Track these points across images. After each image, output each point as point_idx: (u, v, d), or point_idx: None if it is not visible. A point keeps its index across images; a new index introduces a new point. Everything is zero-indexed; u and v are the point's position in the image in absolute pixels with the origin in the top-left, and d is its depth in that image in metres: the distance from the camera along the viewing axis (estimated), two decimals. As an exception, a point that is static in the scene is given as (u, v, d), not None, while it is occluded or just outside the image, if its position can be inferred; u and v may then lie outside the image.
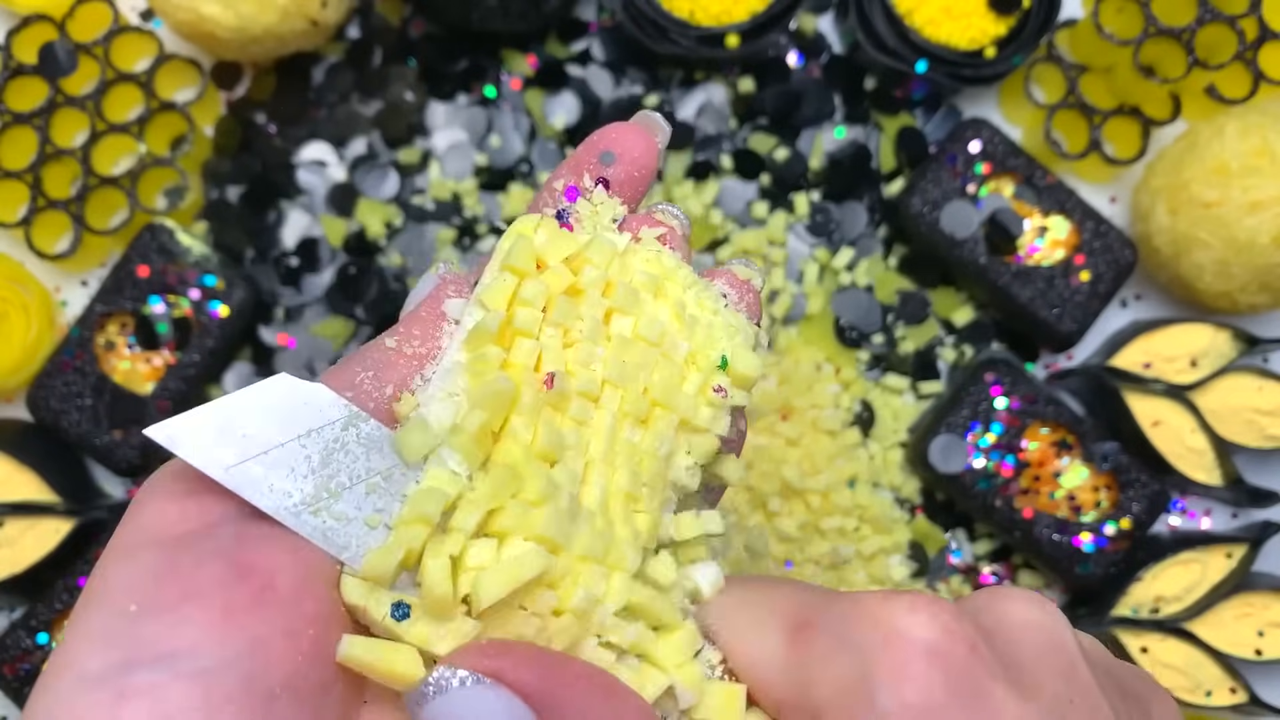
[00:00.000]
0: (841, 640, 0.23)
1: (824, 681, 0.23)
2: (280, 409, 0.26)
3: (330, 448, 0.26)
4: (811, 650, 0.24)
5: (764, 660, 0.25)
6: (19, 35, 0.62)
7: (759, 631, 0.25)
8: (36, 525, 0.59)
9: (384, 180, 0.65)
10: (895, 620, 0.23)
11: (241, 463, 0.25)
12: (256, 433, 0.25)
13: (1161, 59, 0.61)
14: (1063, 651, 0.24)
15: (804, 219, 0.65)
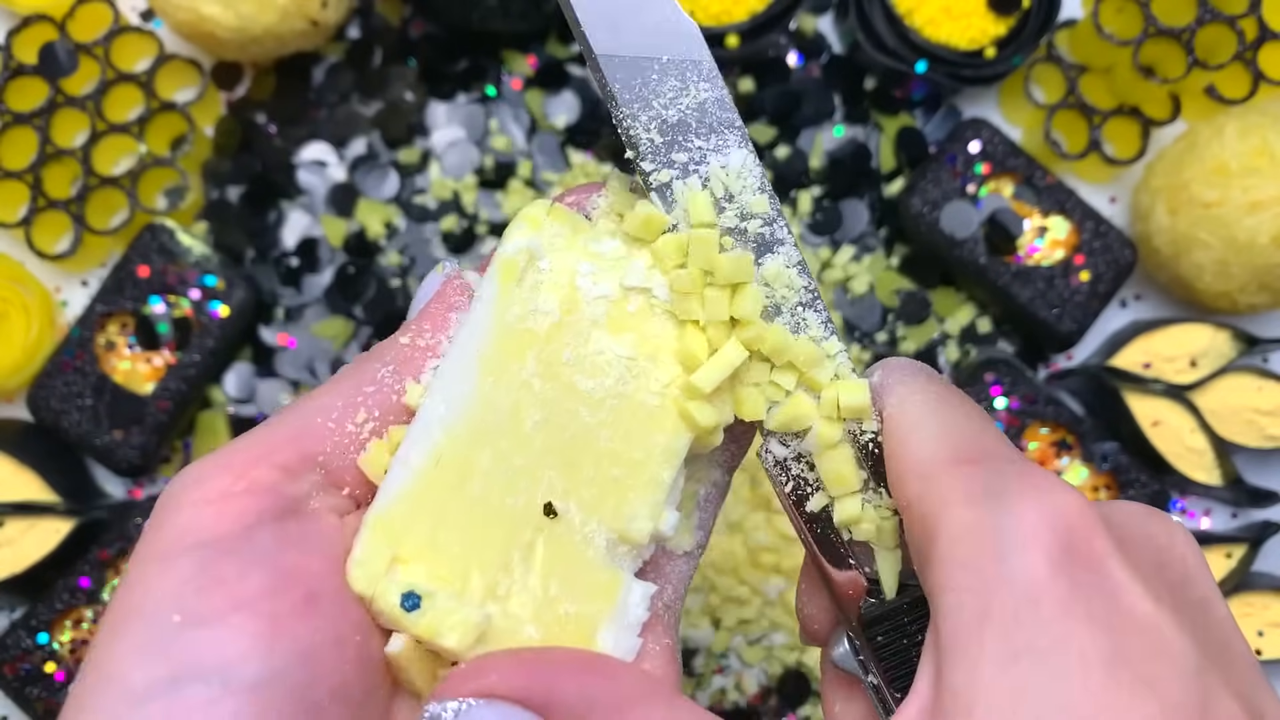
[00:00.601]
0: (995, 490, 0.23)
1: (961, 517, 0.23)
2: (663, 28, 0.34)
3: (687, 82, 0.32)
4: (965, 483, 0.24)
5: (920, 457, 0.25)
6: (19, 35, 0.62)
7: (926, 435, 0.26)
8: (37, 525, 0.59)
9: (384, 180, 0.65)
10: (1052, 496, 0.23)
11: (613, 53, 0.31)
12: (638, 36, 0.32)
13: (1161, 59, 0.61)
14: (1204, 584, 0.24)
15: (806, 217, 0.65)
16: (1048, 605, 0.21)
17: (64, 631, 0.58)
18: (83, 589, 0.58)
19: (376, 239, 0.65)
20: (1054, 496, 0.23)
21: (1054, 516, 0.22)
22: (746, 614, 0.60)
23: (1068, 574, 0.22)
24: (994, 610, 0.22)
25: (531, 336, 0.28)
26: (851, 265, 0.64)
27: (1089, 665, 0.21)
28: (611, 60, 0.29)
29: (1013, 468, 0.24)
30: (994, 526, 0.23)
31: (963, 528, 0.23)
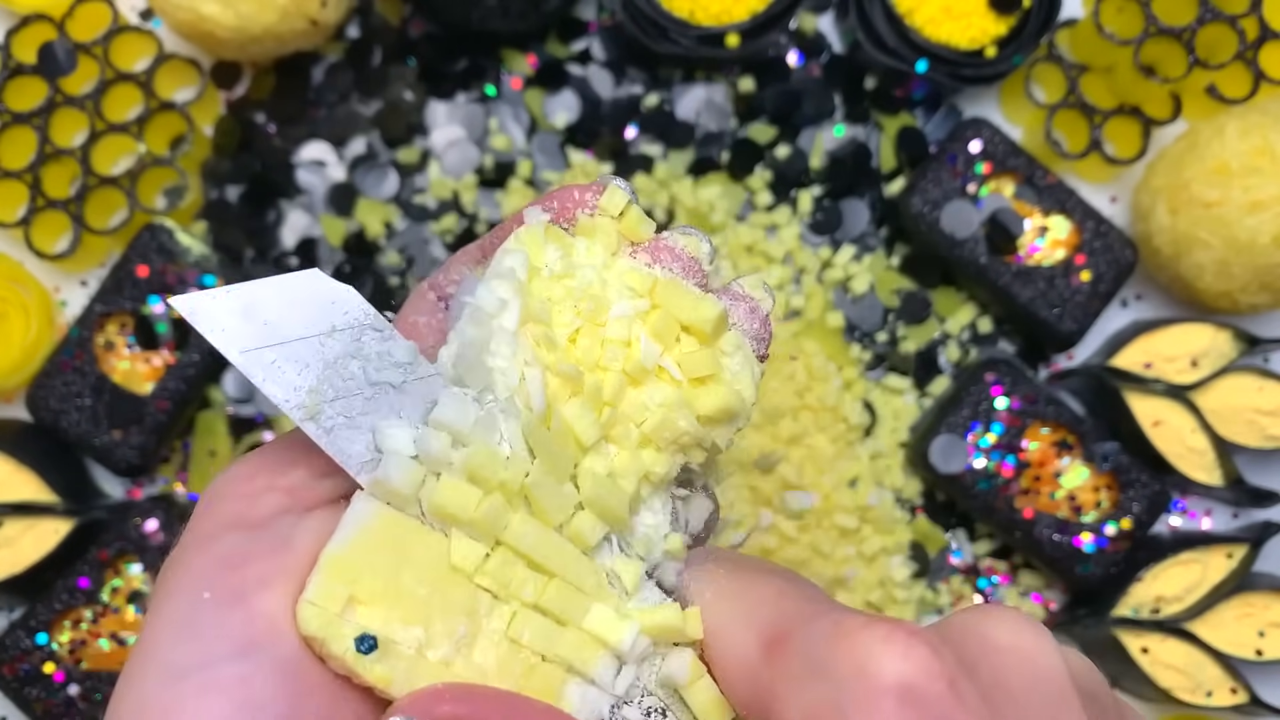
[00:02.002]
0: (815, 665, 0.22)
1: (791, 705, 0.23)
2: (306, 304, 0.25)
3: (348, 350, 0.25)
4: (784, 668, 0.23)
5: (735, 660, 0.25)
6: (18, 35, 0.62)
7: (735, 629, 0.25)
8: (36, 525, 0.58)
9: (384, 180, 0.65)
10: (870, 653, 0.22)
11: (259, 349, 0.24)
12: (278, 321, 0.25)
13: (1162, 59, 0.61)
14: (1051, 679, 0.23)
15: (806, 216, 0.65)
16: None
17: (63, 632, 0.58)
18: (82, 589, 0.58)
19: (376, 239, 0.65)
20: (878, 654, 0.22)
21: (884, 676, 0.21)
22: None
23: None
24: None
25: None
26: (852, 265, 0.64)
27: None
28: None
29: (825, 629, 0.23)
30: (822, 706, 0.22)
31: (794, 717, 0.22)
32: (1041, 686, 0.23)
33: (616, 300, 0.28)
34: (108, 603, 0.58)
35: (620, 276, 0.29)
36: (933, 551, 0.63)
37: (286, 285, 0.25)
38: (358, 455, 0.25)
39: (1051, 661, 0.23)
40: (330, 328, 0.25)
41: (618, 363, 0.27)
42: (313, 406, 0.25)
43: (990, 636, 0.23)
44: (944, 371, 0.64)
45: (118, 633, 0.58)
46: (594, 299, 0.28)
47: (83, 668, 0.57)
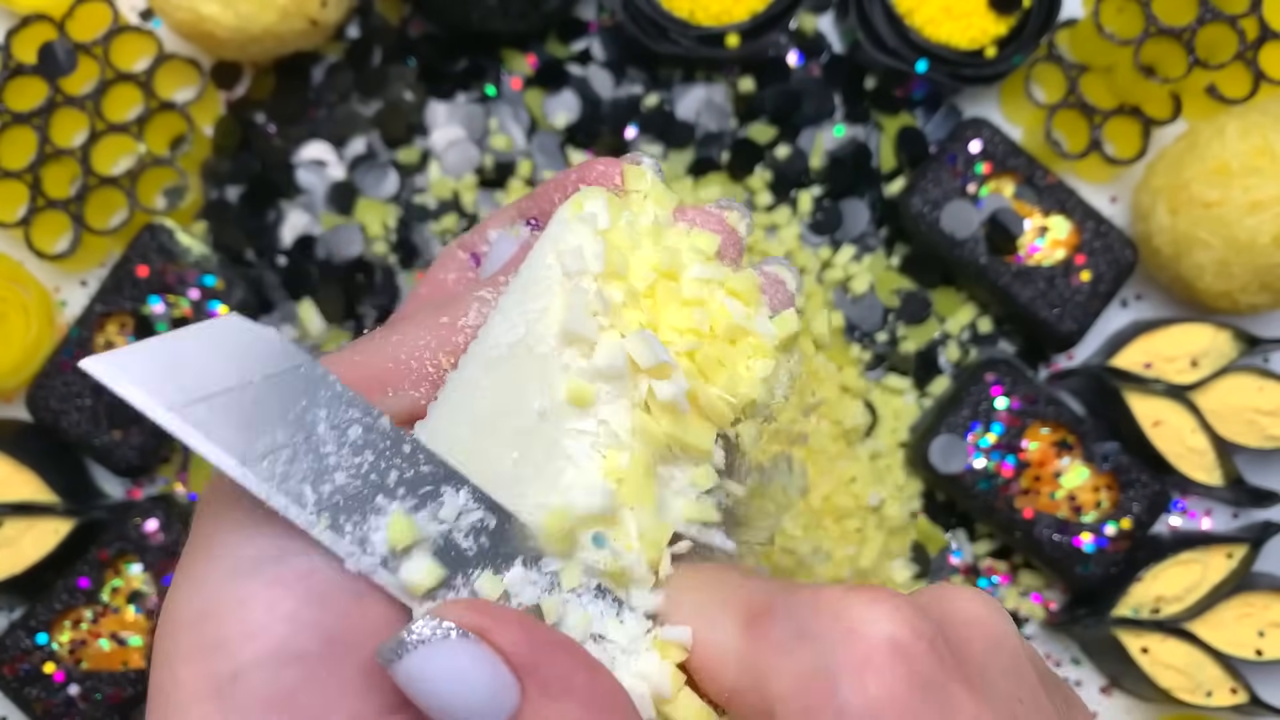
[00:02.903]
0: (801, 631, 0.23)
1: (782, 672, 0.23)
2: (234, 352, 0.24)
3: (291, 400, 0.24)
4: (768, 639, 0.23)
5: (716, 647, 0.25)
6: (18, 35, 0.62)
7: (711, 618, 0.25)
8: (36, 525, 0.58)
9: (384, 179, 0.65)
10: (857, 614, 0.22)
11: (188, 404, 0.23)
12: (206, 372, 0.23)
13: (1162, 59, 0.61)
14: (1009, 650, 0.24)
15: (806, 216, 0.65)
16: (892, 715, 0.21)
17: (63, 632, 0.58)
18: (82, 589, 0.58)
19: (376, 239, 0.64)
20: (861, 613, 0.22)
21: (870, 633, 0.22)
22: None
23: (901, 685, 0.22)
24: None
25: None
26: (852, 265, 0.64)
27: None
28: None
29: (805, 599, 0.23)
30: (817, 666, 0.22)
31: (788, 683, 0.23)
32: (1001, 656, 0.24)
33: (688, 263, 0.28)
34: (108, 603, 0.58)
35: (681, 239, 0.29)
36: (933, 551, 0.63)
37: (205, 333, 0.24)
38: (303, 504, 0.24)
39: (1009, 633, 0.24)
40: (262, 375, 0.24)
41: (705, 322, 0.27)
42: (255, 462, 0.23)
43: (955, 609, 0.24)
44: (944, 371, 0.64)
45: (118, 633, 0.58)
46: (670, 256, 0.28)
47: (83, 668, 0.57)
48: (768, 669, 0.23)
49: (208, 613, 0.23)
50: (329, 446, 0.24)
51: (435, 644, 0.21)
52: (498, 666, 0.22)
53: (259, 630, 0.22)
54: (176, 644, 0.23)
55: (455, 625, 0.22)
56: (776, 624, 0.23)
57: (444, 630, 0.21)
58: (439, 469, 0.25)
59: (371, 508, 0.24)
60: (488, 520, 0.26)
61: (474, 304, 0.28)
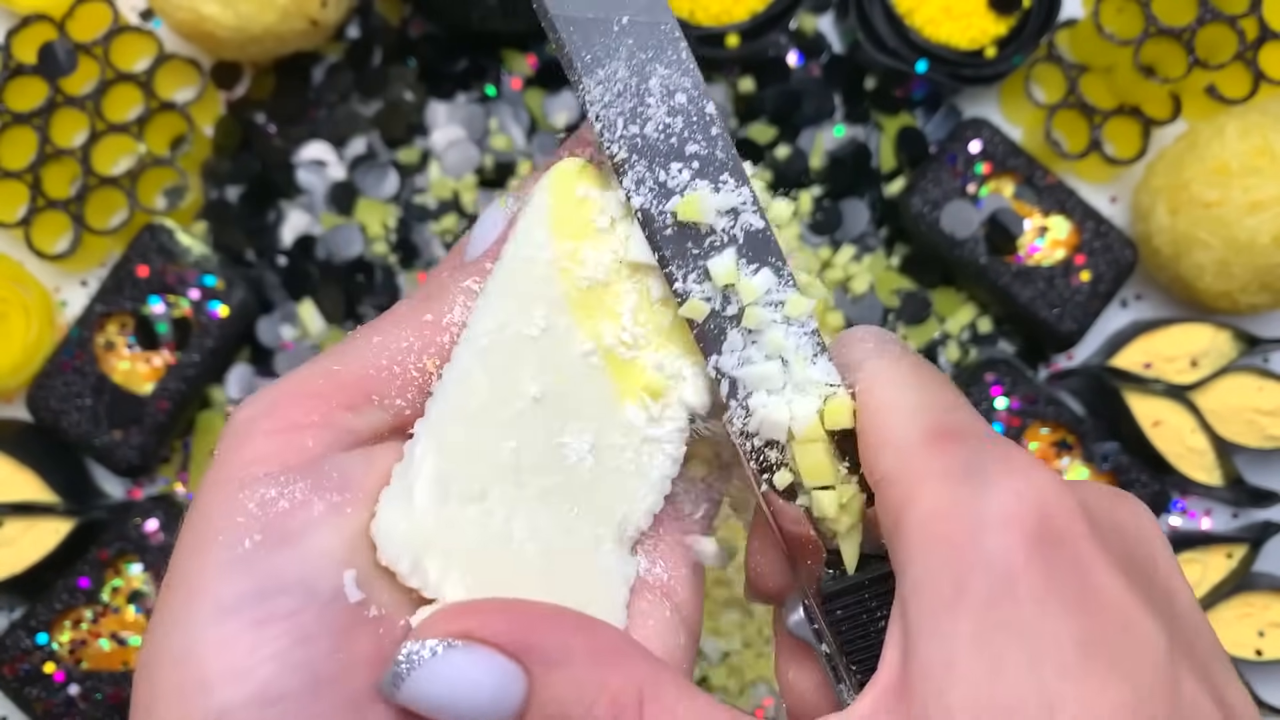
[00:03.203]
0: (975, 467, 0.23)
1: (938, 493, 0.23)
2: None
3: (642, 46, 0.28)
4: (943, 458, 0.24)
5: (893, 435, 0.25)
6: (19, 35, 0.62)
7: (903, 410, 0.25)
8: (36, 525, 0.58)
9: (384, 180, 0.65)
10: (1031, 477, 0.23)
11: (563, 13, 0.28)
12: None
13: (1162, 59, 0.61)
14: (1169, 567, 0.24)
15: (806, 216, 0.65)
16: (1024, 587, 0.21)
17: (63, 632, 0.58)
18: (82, 589, 0.58)
19: (376, 239, 0.65)
20: (1032, 478, 0.23)
21: (1031, 498, 0.22)
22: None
23: (1043, 557, 0.22)
24: (969, 589, 0.22)
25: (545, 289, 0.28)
26: (852, 265, 0.64)
27: (1063, 648, 0.21)
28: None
29: (990, 445, 0.24)
30: (971, 505, 0.23)
31: (939, 505, 0.23)
32: (1160, 569, 0.24)
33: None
34: (108, 603, 0.58)
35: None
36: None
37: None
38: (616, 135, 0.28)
39: (1170, 555, 0.25)
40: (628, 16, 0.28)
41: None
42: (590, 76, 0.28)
43: (1124, 514, 0.25)
44: (944, 371, 0.64)
45: (118, 633, 0.58)
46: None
47: (83, 667, 0.57)
48: (926, 482, 0.24)
49: (190, 653, 0.22)
50: (653, 99, 0.28)
51: (428, 662, 0.22)
52: (496, 659, 0.22)
53: (242, 671, 0.22)
54: (155, 686, 0.23)
55: (441, 637, 0.22)
56: (957, 449, 0.24)
57: (431, 647, 0.22)
58: (733, 161, 0.28)
59: (666, 165, 0.28)
60: (755, 224, 0.28)
61: (460, 296, 0.28)
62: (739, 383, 0.28)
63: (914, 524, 0.23)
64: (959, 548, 0.22)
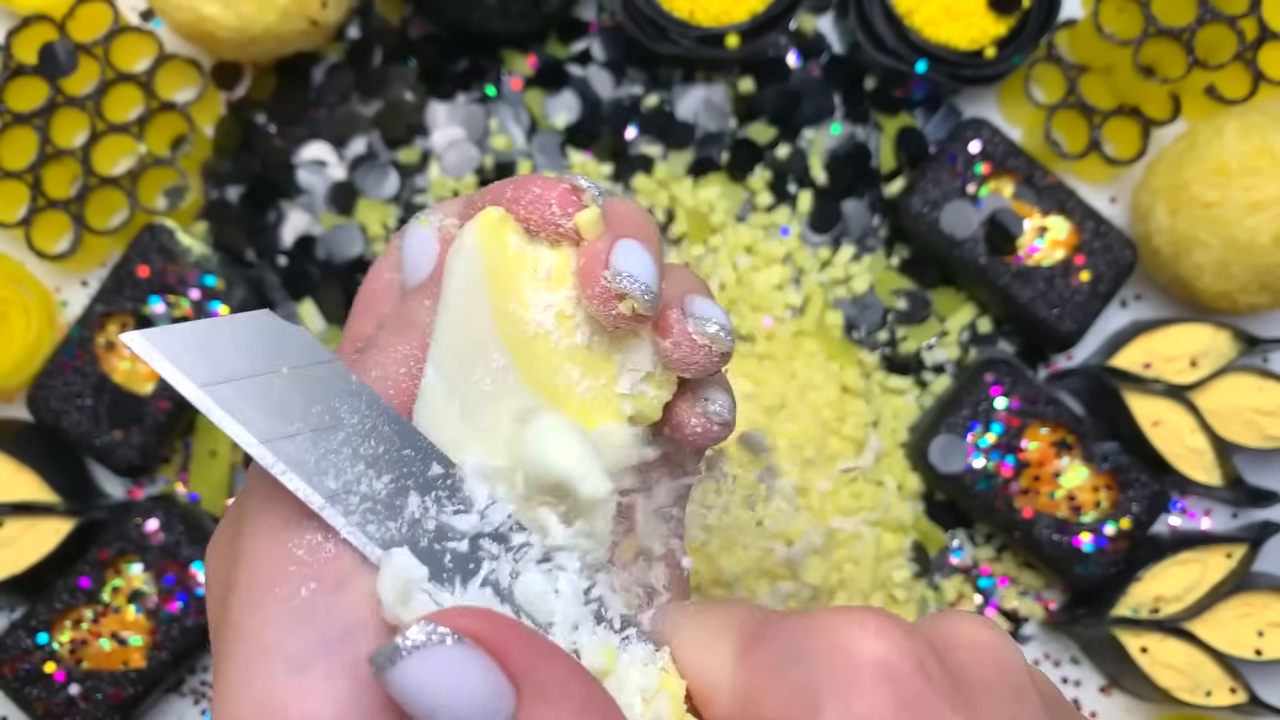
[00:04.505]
0: (790, 654, 0.23)
1: (771, 696, 0.23)
2: (263, 343, 0.25)
3: (314, 393, 0.25)
4: (760, 663, 0.24)
5: (713, 675, 0.25)
6: (19, 35, 0.62)
7: (710, 647, 0.25)
8: (36, 525, 0.59)
9: (384, 180, 0.65)
10: (844, 634, 0.22)
11: (217, 384, 0.24)
12: (236, 358, 0.24)
13: (1161, 59, 0.61)
14: (1014, 674, 0.24)
15: (806, 216, 0.65)
16: None
17: (64, 632, 0.58)
18: (82, 589, 0.58)
19: (376, 239, 0.65)
20: (853, 635, 0.22)
21: (858, 655, 0.22)
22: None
23: (887, 708, 0.22)
24: None
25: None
26: (851, 265, 0.64)
27: None
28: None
29: (798, 624, 0.24)
30: (805, 688, 0.22)
31: (776, 707, 0.23)
32: (1004, 680, 0.24)
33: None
34: (108, 602, 0.58)
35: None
36: (933, 551, 0.63)
37: (239, 324, 0.25)
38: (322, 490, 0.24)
39: (1013, 658, 0.24)
40: (289, 365, 0.25)
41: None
42: (275, 443, 0.24)
43: (957, 633, 0.24)
44: (944, 371, 0.64)
45: (118, 632, 0.58)
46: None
47: (83, 667, 0.57)
48: (758, 694, 0.23)
49: (270, 707, 0.23)
50: (347, 439, 0.25)
51: (430, 650, 0.21)
52: (494, 672, 0.21)
53: (320, 717, 0.23)
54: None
55: (451, 631, 0.21)
56: (768, 648, 0.24)
57: (439, 636, 0.21)
58: (450, 468, 0.26)
59: (390, 503, 0.25)
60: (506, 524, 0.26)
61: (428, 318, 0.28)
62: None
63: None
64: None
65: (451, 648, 0.21)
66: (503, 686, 0.21)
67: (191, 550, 0.58)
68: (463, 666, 0.21)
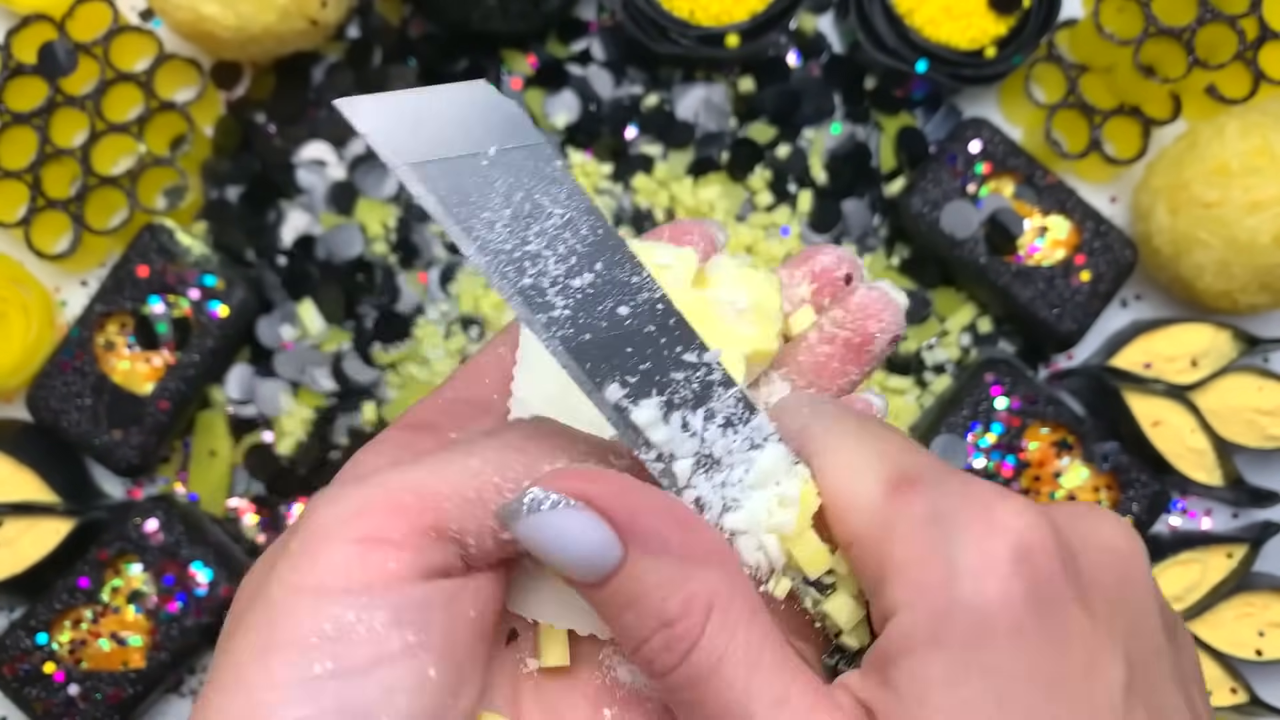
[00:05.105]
0: (941, 512, 0.23)
1: (909, 542, 0.23)
2: (474, 118, 0.24)
3: (519, 178, 0.24)
4: (909, 507, 0.24)
5: (855, 496, 0.25)
6: (19, 35, 0.62)
7: (860, 467, 0.25)
8: (36, 525, 0.59)
9: (384, 180, 0.65)
10: (999, 515, 0.23)
11: (424, 161, 0.24)
12: (445, 134, 0.24)
13: (1162, 59, 0.61)
14: (1141, 588, 0.24)
15: (806, 216, 0.65)
16: (999, 629, 0.22)
17: (63, 632, 0.58)
18: (82, 589, 0.58)
19: (376, 239, 0.65)
20: (998, 517, 0.23)
21: (1001, 539, 0.23)
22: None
23: (1018, 598, 0.22)
24: (946, 634, 0.22)
25: None
26: (852, 265, 0.64)
27: (1032, 689, 0.22)
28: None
29: (954, 484, 0.24)
30: (944, 550, 0.23)
31: (911, 555, 0.23)
32: (1130, 591, 0.24)
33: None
34: (108, 603, 0.58)
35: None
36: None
37: (453, 93, 0.25)
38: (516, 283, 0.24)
39: (1143, 571, 0.25)
40: (495, 145, 0.24)
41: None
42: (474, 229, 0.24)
43: (1095, 531, 0.25)
44: (944, 371, 0.64)
45: (118, 633, 0.58)
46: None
47: (83, 667, 0.57)
48: (896, 534, 0.24)
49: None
50: (544, 232, 0.24)
51: (545, 512, 0.23)
52: (601, 528, 0.23)
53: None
54: None
55: (562, 494, 0.23)
56: (921, 495, 0.24)
57: (551, 500, 0.23)
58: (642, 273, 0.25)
59: (583, 303, 0.25)
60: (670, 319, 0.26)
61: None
62: (706, 507, 0.26)
63: (890, 578, 0.24)
64: (934, 596, 0.23)
65: (562, 510, 0.23)
66: (609, 541, 0.23)
67: (191, 550, 0.58)
68: (573, 524, 0.23)
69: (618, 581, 0.23)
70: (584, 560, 0.23)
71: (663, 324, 0.25)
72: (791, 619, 0.27)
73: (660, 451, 0.25)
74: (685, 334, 0.25)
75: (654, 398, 0.25)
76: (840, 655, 0.27)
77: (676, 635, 0.23)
